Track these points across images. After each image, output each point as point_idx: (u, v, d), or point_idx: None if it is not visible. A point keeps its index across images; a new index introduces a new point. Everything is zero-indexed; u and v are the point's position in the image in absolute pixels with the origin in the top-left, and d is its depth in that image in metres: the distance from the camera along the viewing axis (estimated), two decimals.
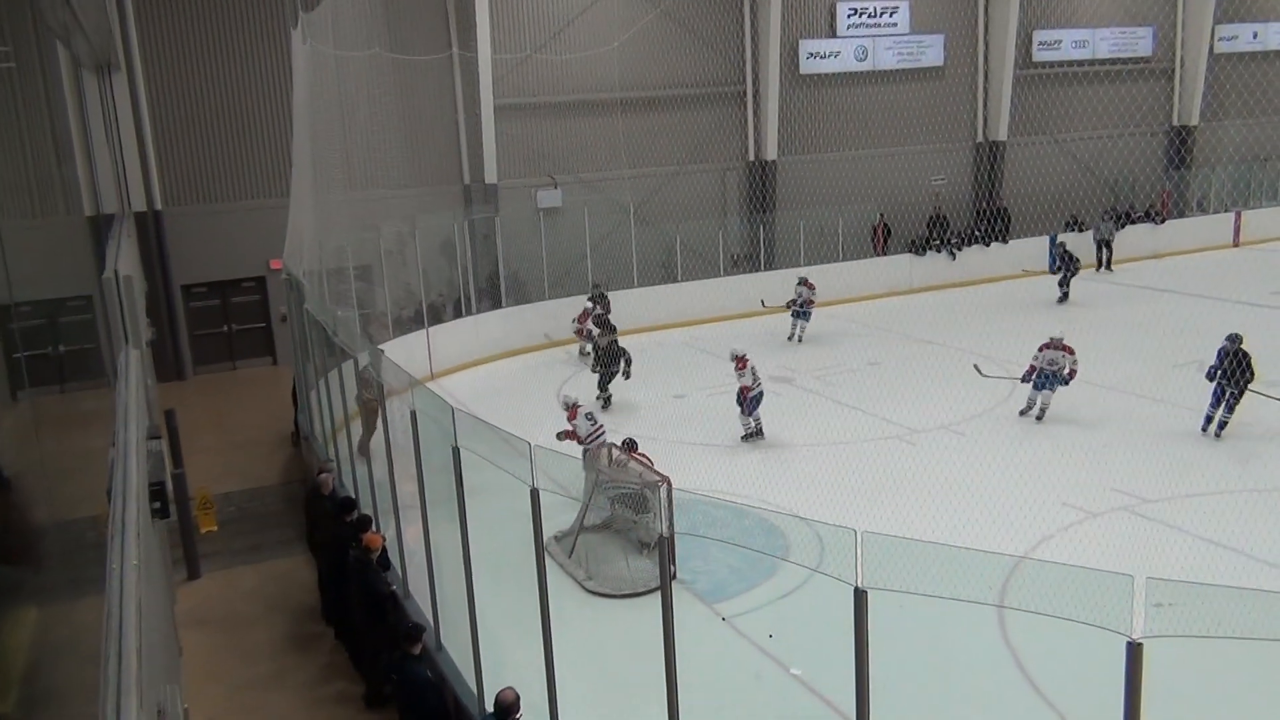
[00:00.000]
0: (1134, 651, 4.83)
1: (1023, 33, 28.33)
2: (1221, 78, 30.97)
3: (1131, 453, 13.41)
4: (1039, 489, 12.28)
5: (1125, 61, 30.05)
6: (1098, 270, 26.82)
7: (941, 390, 16.53)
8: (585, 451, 12.06)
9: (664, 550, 6.58)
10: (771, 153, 26.20)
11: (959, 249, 26.16)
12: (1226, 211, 30.06)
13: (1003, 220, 27.20)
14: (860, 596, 5.38)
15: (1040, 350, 15.27)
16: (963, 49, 28.21)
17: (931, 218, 27.14)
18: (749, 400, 14.83)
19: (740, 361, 14.96)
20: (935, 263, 25.85)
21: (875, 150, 27.11)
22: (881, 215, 26.70)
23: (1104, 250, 26.93)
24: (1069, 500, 12.02)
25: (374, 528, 10.21)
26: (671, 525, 8.69)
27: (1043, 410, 15.16)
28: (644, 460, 11.37)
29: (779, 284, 23.63)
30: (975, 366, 15.78)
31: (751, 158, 26.44)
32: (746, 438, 14.87)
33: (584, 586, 10.62)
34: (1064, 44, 29.30)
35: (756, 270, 24.83)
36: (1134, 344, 18.94)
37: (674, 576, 10.16)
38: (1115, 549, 10.70)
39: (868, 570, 5.39)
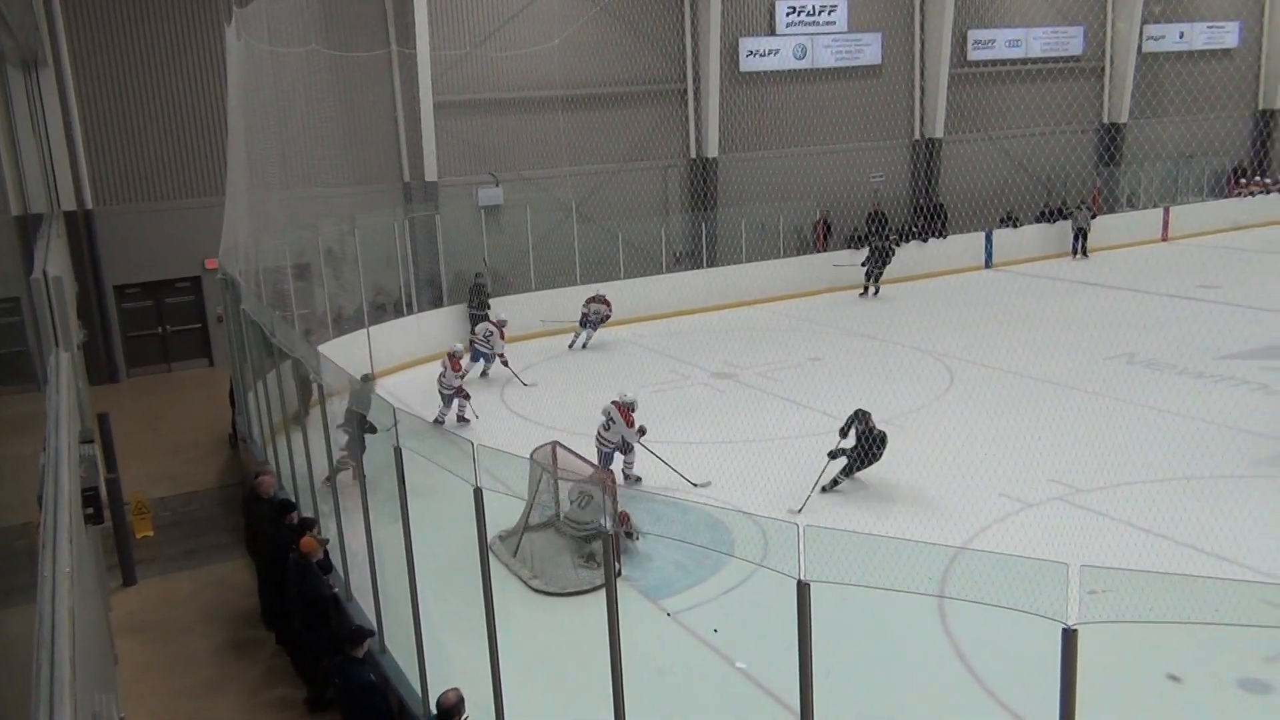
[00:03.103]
0: (1069, 637, 4.93)
1: (958, 32, 28.77)
2: (1150, 76, 31.77)
3: (1065, 444, 13.70)
4: (977, 481, 12.50)
5: (1057, 60, 30.67)
6: (1073, 258, 27.98)
7: (882, 385, 16.75)
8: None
9: (608, 548, 6.58)
10: (713, 150, 26.32)
11: (898, 245, 26.48)
12: (1155, 207, 30.83)
13: (940, 216, 27.63)
14: (803, 589, 5.43)
15: None
16: (900, 47, 28.59)
17: (871, 214, 27.46)
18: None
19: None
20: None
21: (815, 148, 27.36)
22: (822, 212, 26.95)
23: (1080, 239, 28.06)
24: (1006, 491, 12.24)
25: (317, 530, 10.09)
26: (615, 523, 8.70)
27: None
28: (588, 462, 11.37)
29: (721, 280, 23.83)
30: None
31: (693, 155, 26.55)
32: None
33: (529, 585, 10.59)
34: (998, 43, 29.82)
35: (699, 267, 24.94)
36: (1066, 337, 19.39)
37: (619, 574, 10.19)
38: (1051, 538, 10.93)
39: (810, 563, 5.44)
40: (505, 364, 18.54)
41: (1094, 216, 28.55)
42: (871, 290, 24.57)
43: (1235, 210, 31.64)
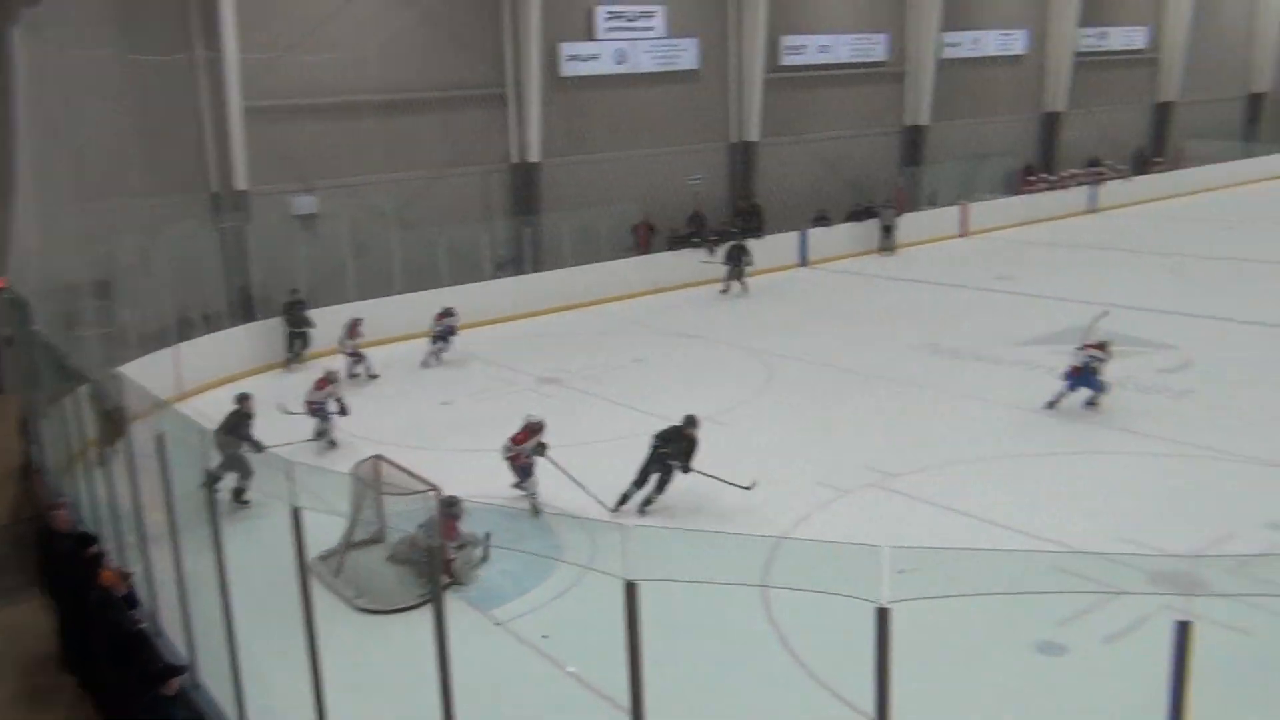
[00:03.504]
0: (882, 616, 5.16)
1: (771, 38, 29.62)
2: (947, 80, 33.60)
3: (878, 432, 14.34)
4: (796, 472, 12.94)
5: (863, 65, 32.03)
6: (881, 254, 29.15)
7: (705, 382, 17.15)
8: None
9: (436, 561, 6.49)
10: (535, 155, 26.24)
11: (718, 245, 27.13)
12: (954, 204, 32.61)
13: (757, 217, 28.44)
14: (631, 589, 5.49)
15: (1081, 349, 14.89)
16: (716, 53, 29.22)
17: (691, 216, 28.02)
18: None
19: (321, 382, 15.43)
20: (695, 259, 26.71)
21: (636, 151, 27.68)
22: (644, 215, 27.31)
23: (887, 235, 29.33)
24: (824, 480, 12.70)
25: (120, 564, 9.52)
26: (439, 536, 8.57)
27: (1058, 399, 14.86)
28: (414, 476, 11.14)
29: (546, 285, 23.84)
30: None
31: (515, 160, 26.40)
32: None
33: (354, 605, 10.30)
34: (809, 49, 30.85)
35: (523, 273, 24.87)
36: (876, 330, 20.35)
37: (447, 586, 10.06)
38: (866, 523, 11.42)
39: (638, 563, 5.50)
40: (359, 360, 18.76)
41: (899, 214, 29.97)
42: (739, 287, 25.07)
43: (1026, 206, 33.81)
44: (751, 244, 25.77)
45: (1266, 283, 22.56)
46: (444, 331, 20.02)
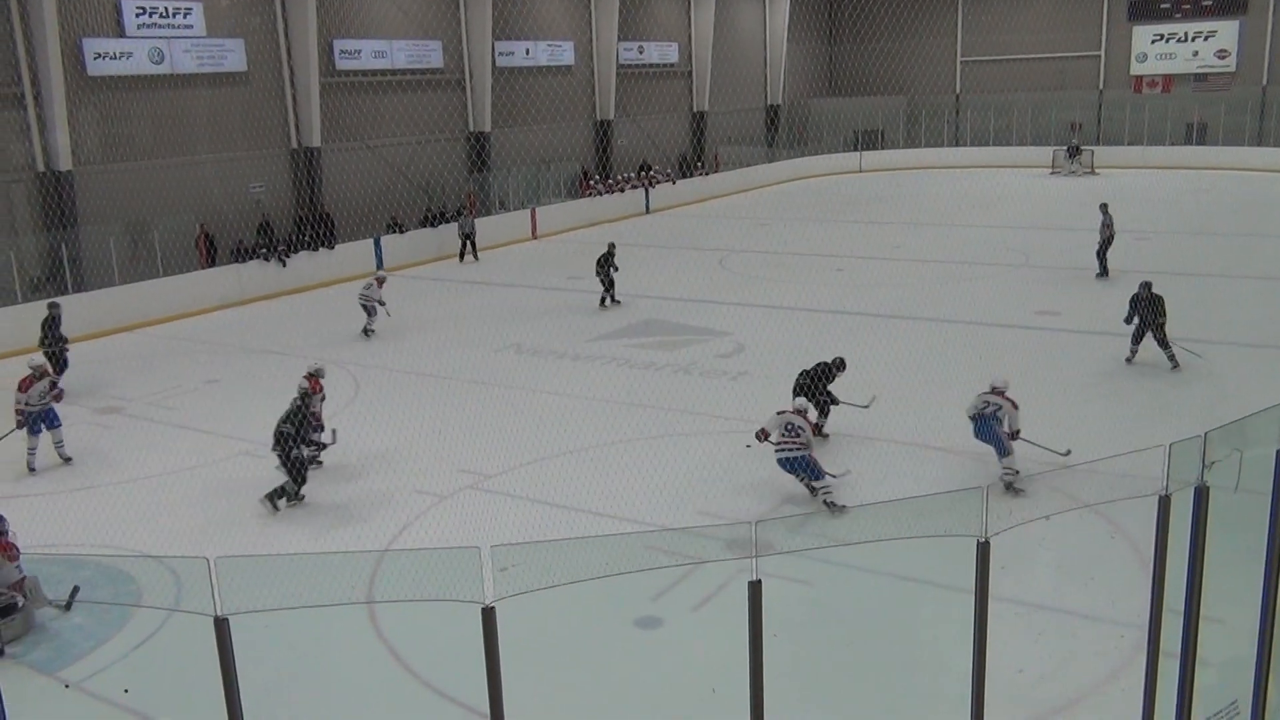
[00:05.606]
0: (488, 616, 5.28)
1: (323, 41, 28.83)
2: (506, 88, 34.66)
3: (470, 434, 14.52)
4: (393, 482, 12.78)
5: (421, 72, 32.17)
6: (460, 261, 29.22)
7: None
8: None
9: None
10: (65, 162, 23.52)
11: (288, 256, 26.02)
12: (524, 208, 33.78)
13: (327, 225, 27.60)
14: (221, 625, 5.18)
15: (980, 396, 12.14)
16: (266, 55, 27.92)
17: (259, 226, 26.61)
18: None
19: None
20: (265, 271, 25.42)
21: (187, 158, 25.81)
22: (202, 225, 25.50)
23: (468, 243, 29.46)
24: (421, 488, 12.66)
25: None
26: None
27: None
28: None
29: (93, 305, 21.59)
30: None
31: (42, 168, 23.50)
32: None
33: None
34: (364, 53, 30.43)
35: (64, 293, 22.23)
36: (460, 334, 20.60)
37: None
38: (466, 525, 11.54)
39: (229, 597, 5.19)
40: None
41: (474, 219, 30.47)
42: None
43: (588, 208, 35.83)
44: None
45: (796, 271, 25.65)
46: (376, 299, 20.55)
